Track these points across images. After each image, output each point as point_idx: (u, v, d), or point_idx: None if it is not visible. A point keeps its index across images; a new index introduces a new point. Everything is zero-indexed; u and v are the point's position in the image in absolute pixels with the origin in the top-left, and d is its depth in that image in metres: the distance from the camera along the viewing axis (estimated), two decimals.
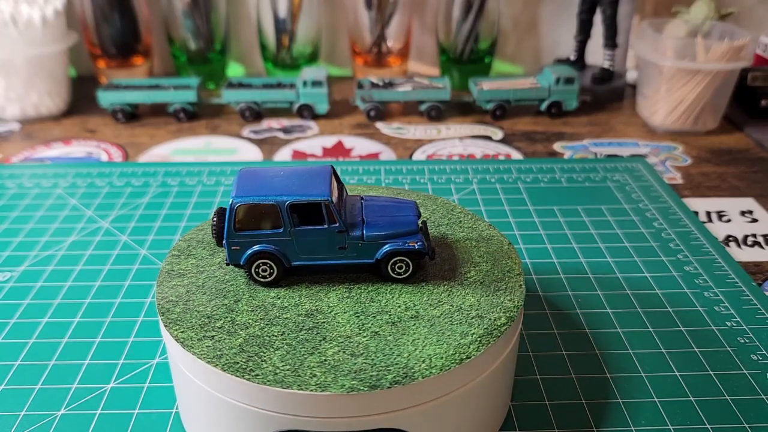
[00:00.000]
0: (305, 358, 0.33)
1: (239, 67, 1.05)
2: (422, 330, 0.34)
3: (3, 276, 0.54)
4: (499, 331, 0.34)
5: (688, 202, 0.66)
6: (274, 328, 0.35)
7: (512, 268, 0.39)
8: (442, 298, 0.37)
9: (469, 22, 0.91)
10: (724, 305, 0.50)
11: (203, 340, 0.34)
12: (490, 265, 0.40)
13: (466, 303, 0.36)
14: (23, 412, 0.41)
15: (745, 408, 0.41)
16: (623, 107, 0.91)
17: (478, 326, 0.35)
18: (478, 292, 0.37)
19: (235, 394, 0.33)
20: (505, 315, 0.35)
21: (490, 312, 0.36)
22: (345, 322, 0.35)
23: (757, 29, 0.96)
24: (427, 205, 0.46)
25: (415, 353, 0.33)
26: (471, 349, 0.33)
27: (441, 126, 0.85)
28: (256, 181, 0.37)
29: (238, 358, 0.33)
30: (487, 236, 0.43)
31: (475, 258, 0.40)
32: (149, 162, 0.74)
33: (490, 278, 0.38)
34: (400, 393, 0.32)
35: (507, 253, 0.41)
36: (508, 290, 0.38)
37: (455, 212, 0.45)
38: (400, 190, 0.48)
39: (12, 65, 0.82)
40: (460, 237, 0.43)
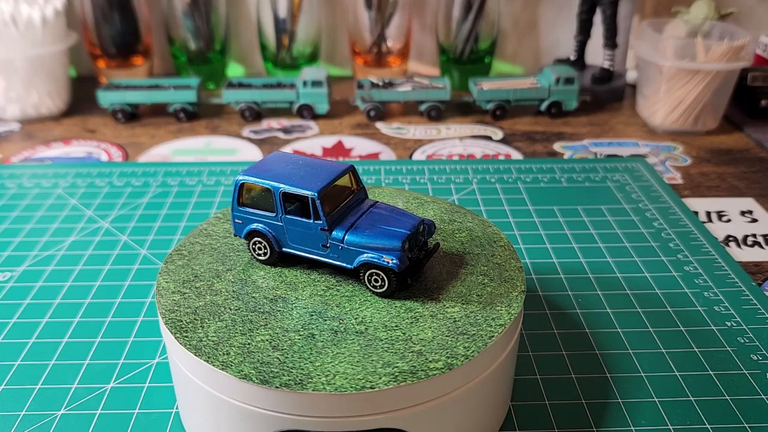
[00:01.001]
0: (234, 336, 0.34)
1: (239, 67, 1.05)
2: (352, 347, 0.33)
3: (3, 276, 0.54)
4: (425, 374, 0.32)
5: (688, 202, 0.66)
6: (235, 302, 0.37)
7: (511, 287, 0.38)
8: (403, 323, 0.35)
9: (469, 22, 0.91)
10: (724, 305, 0.50)
11: (175, 293, 0.37)
12: (490, 285, 0.38)
13: (428, 335, 0.34)
14: (23, 412, 0.41)
15: (745, 408, 0.41)
16: (623, 107, 0.91)
17: (406, 362, 0.32)
18: (455, 321, 0.35)
19: (235, 394, 0.33)
20: (449, 360, 0.33)
21: (437, 352, 0.33)
22: (297, 317, 0.36)
23: (757, 29, 0.96)
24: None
25: (323, 366, 0.32)
26: (379, 382, 0.31)
27: (441, 126, 0.85)
28: (273, 164, 0.39)
29: (186, 318, 0.36)
30: (488, 240, 0.42)
31: (473, 275, 0.39)
32: (149, 162, 0.74)
33: (485, 299, 0.36)
34: (400, 393, 0.32)
35: (508, 268, 0.40)
36: (496, 311, 0.36)
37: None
38: (443, 201, 0.47)
39: (12, 65, 0.82)
40: (463, 245, 0.42)
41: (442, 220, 0.45)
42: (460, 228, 0.44)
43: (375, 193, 0.47)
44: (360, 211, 0.39)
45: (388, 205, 0.40)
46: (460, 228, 0.44)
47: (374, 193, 0.47)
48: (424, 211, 0.45)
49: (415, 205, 0.46)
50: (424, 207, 0.46)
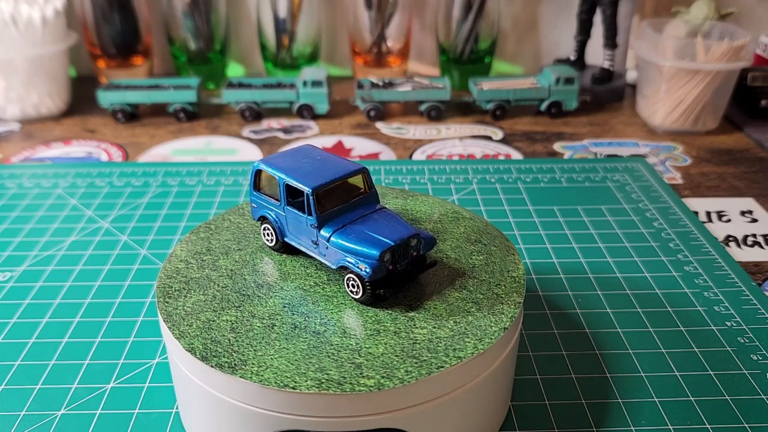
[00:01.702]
0: (205, 312, 0.36)
1: (239, 67, 1.05)
2: (301, 345, 0.33)
3: (3, 276, 0.54)
4: (351, 388, 0.31)
5: (688, 202, 0.66)
6: (226, 280, 0.38)
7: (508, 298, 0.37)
8: (363, 333, 0.34)
9: (469, 22, 0.91)
10: (724, 305, 0.50)
11: (182, 262, 0.40)
12: (474, 315, 0.36)
13: (379, 350, 0.33)
14: (23, 412, 0.41)
15: (745, 408, 0.41)
16: (623, 107, 0.91)
17: (340, 371, 0.32)
18: (415, 343, 0.34)
19: (236, 394, 0.33)
20: (383, 380, 0.31)
21: (376, 369, 0.32)
22: (270, 305, 0.36)
23: (757, 29, 0.96)
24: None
25: (263, 357, 0.33)
26: (302, 384, 0.31)
27: (441, 126, 0.85)
28: (292, 155, 0.40)
29: (176, 285, 0.38)
30: (502, 269, 0.41)
31: (464, 301, 0.37)
32: (149, 162, 0.74)
33: (460, 328, 0.35)
34: (400, 393, 0.32)
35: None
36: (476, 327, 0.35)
37: (486, 236, 0.44)
38: (480, 220, 0.45)
39: (12, 65, 0.82)
40: (474, 269, 0.41)
41: (468, 239, 0.42)
42: (480, 251, 0.41)
43: (418, 201, 0.46)
44: (360, 214, 0.38)
45: (392, 213, 0.39)
46: (480, 251, 0.41)
47: (417, 201, 0.46)
48: (456, 227, 0.43)
49: (450, 219, 0.44)
50: (458, 222, 0.44)
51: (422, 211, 0.45)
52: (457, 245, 0.41)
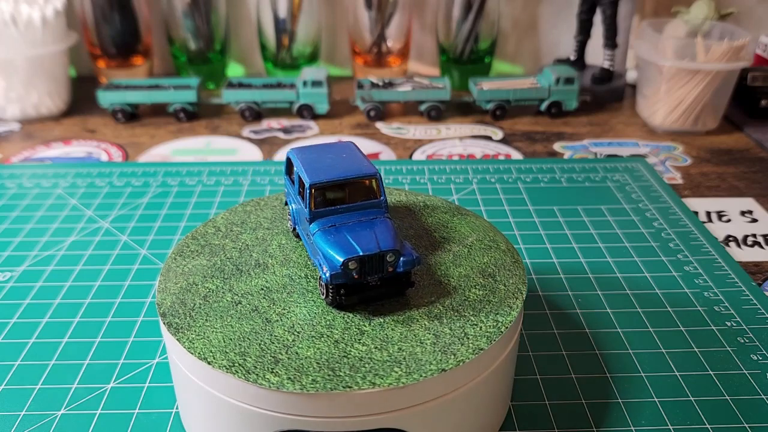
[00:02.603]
0: (196, 275, 0.39)
1: (239, 67, 1.05)
2: (244, 326, 0.35)
3: (3, 276, 0.54)
4: (242, 374, 0.32)
5: (688, 202, 0.66)
6: (234, 253, 0.41)
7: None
8: (303, 332, 0.34)
9: (469, 22, 0.91)
10: (724, 305, 0.50)
11: (211, 229, 0.43)
12: (427, 345, 0.34)
13: (305, 353, 0.33)
14: (23, 412, 0.41)
15: (745, 408, 0.41)
16: (623, 107, 0.91)
17: (252, 358, 0.33)
18: (334, 356, 0.33)
19: (235, 394, 0.33)
20: (268, 375, 0.32)
21: (275, 363, 0.32)
22: (252, 285, 0.38)
23: (757, 29, 0.96)
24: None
25: (204, 327, 0.35)
26: (215, 360, 0.33)
27: (441, 126, 0.85)
28: (322, 149, 0.41)
29: (192, 247, 0.41)
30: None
31: (426, 321, 0.36)
32: (149, 162, 0.74)
33: (401, 355, 0.33)
34: (400, 393, 0.32)
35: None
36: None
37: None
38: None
39: (12, 65, 0.82)
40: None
41: (483, 272, 0.39)
42: (485, 285, 0.38)
43: (463, 221, 0.44)
44: (357, 218, 0.37)
45: (388, 224, 0.37)
46: (485, 285, 0.38)
47: (462, 221, 0.44)
48: (481, 256, 0.40)
49: (481, 247, 0.41)
50: (487, 252, 0.41)
51: (459, 232, 0.43)
52: (467, 273, 0.39)
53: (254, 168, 0.72)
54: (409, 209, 0.46)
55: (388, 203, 0.43)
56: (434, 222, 0.44)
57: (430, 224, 0.44)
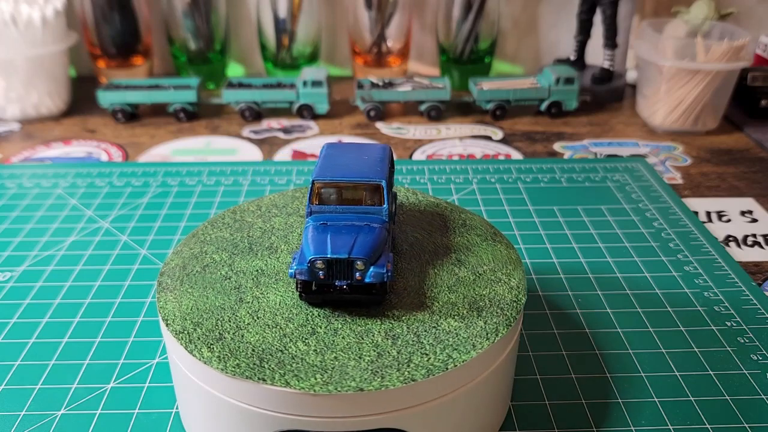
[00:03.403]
0: (208, 246, 0.41)
1: (239, 67, 1.05)
2: (216, 301, 0.36)
3: (3, 276, 0.54)
4: (188, 342, 0.33)
5: (688, 202, 0.66)
6: (258, 233, 0.42)
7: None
8: (262, 319, 0.35)
9: (469, 22, 0.91)
10: (724, 305, 0.50)
11: (256, 207, 0.45)
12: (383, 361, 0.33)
13: (250, 338, 0.34)
14: (23, 412, 0.41)
15: (745, 408, 0.41)
16: (623, 107, 0.91)
17: (205, 331, 0.34)
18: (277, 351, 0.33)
19: (236, 394, 0.33)
20: (208, 350, 0.33)
21: (223, 343, 0.33)
22: (251, 266, 0.39)
23: (757, 29, 0.96)
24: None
25: (183, 295, 0.37)
26: (180, 326, 0.35)
27: (441, 126, 0.85)
28: (354, 148, 0.41)
29: (226, 220, 0.44)
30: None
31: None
32: (149, 162, 0.74)
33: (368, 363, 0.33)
34: (400, 393, 0.32)
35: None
36: None
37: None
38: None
39: (12, 65, 0.82)
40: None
41: (472, 306, 0.37)
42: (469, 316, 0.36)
43: (488, 250, 0.41)
44: (351, 220, 0.37)
45: (376, 233, 0.36)
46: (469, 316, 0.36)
47: (488, 250, 0.41)
48: (482, 288, 0.38)
49: (486, 280, 0.39)
50: (490, 286, 0.38)
51: (478, 258, 0.40)
52: (455, 302, 0.36)
53: (254, 168, 0.72)
54: (446, 225, 0.44)
55: (434, 214, 0.44)
56: (461, 242, 0.42)
57: (455, 243, 0.42)
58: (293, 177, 0.70)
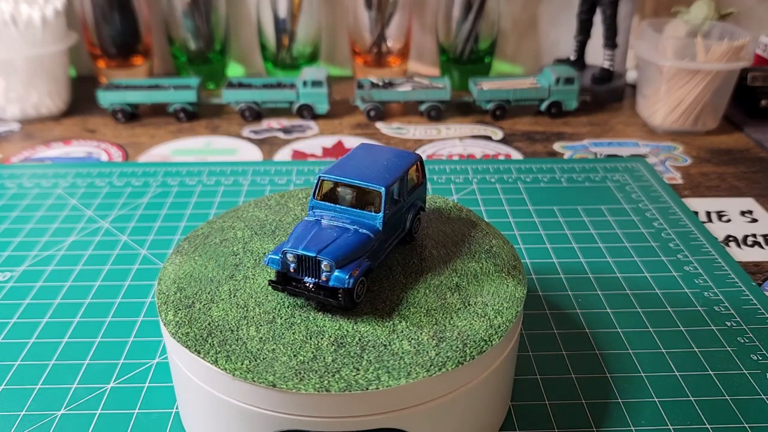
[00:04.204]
0: (223, 233, 0.42)
1: (239, 67, 1.05)
2: (207, 271, 0.39)
3: (3, 276, 0.54)
4: (167, 308, 0.36)
5: (688, 202, 0.66)
6: (280, 217, 0.44)
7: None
8: (240, 301, 0.36)
9: (469, 22, 0.91)
10: (724, 305, 0.50)
11: (275, 203, 0.46)
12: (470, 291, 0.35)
13: (216, 313, 0.35)
14: (23, 412, 0.41)
15: (745, 408, 0.41)
16: (623, 107, 0.91)
17: (183, 309, 0.36)
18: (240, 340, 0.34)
19: (236, 394, 0.33)
20: (175, 317, 0.35)
21: (198, 321, 0.35)
22: (257, 247, 0.41)
23: (757, 29, 0.96)
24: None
25: (180, 265, 0.39)
26: (166, 293, 0.37)
27: (441, 126, 0.85)
28: (383, 152, 0.41)
29: (243, 215, 0.45)
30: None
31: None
32: (149, 162, 0.74)
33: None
34: (400, 393, 0.32)
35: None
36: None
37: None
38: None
39: (12, 65, 0.82)
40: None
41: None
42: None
43: (491, 287, 0.38)
44: (344, 222, 0.37)
45: (359, 237, 0.36)
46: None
47: (488, 287, 0.38)
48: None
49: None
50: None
51: (475, 289, 0.38)
52: (419, 323, 0.35)
53: (254, 168, 0.72)
54: (469, 248, 0.41)
55: (465, 234, 0.42)
56: (473, 268, 0.39)
57: (465, 268, 0.39)
58: (293, 177, 0.70)
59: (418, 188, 0.41)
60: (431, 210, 0.46)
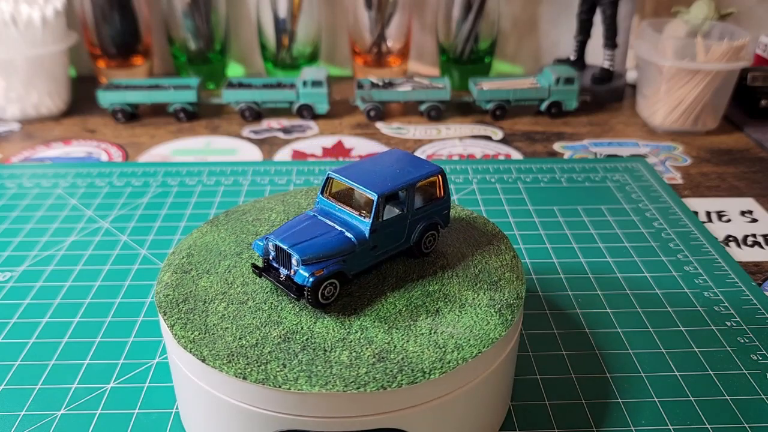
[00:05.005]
0: (237, 224, 0.43)
1: (239, 67, 1.05)
2: (216, 245, 0.40)
3: (3, 276, 0.54)
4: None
5: (688, 202, 0.66)
6: (300, 209, 0.45)
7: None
8: (234, 286, 0.38)
9: (469, 22, 0.91)
10: (724, 305, 0.50)
11: (293, 199, 0.47)
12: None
13: (204, 284, 0.38)
14: (23, 412, 0.41)
15: (745, 408, 0.41)
16: (623, 107, 0.91)
17: (180, 296, 0.37)
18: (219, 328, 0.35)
19: (235, 394, 0.33)
20: (166, 293, 0.37)
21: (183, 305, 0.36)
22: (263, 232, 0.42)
23: (757, 29, 0.96)
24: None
25: (196, 236, 0.42)
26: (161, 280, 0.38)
27: (441, 126, 0.85)
28: (398, 155, 0.41)
29: (253, 209, 0.46)
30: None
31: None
32: (149, 162, 0.74)
33: None
34: (400, 393, 0.32)
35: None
36: None
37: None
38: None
39: (12, 65, 0.82)
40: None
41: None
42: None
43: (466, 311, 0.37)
44: (339, 221, 0.38)
45: (340, 239, 0.36)
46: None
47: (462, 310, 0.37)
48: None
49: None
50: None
51: (451, 319, 0.36)
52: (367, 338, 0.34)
53: (254, 168, 0.72)
54: (477, 276, 0.39)
55: (483, 264, 0.39)
56: (465, 297, 0.37)
57: (457, 295, 0.37)
58: (293, 177, 0.70)
59: (435, 202, 0.39)
60: (459, 224, 0.43)
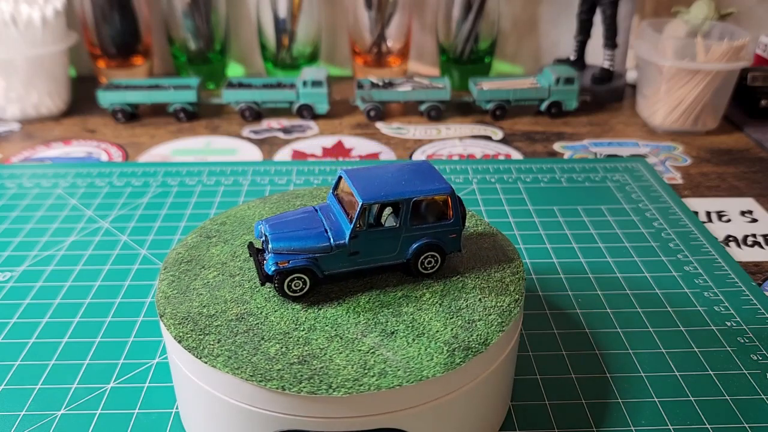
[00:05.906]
0: (239, 221, 0.44)
1: (239, 67, 1.05)
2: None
3: (3, 276, 0.54)
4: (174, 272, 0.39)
5: (688, 202, 0.66)
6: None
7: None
8: (227, 278, 0.39)
9: (469, 22, 0.91)
10: (724, 305, 0.50)
11: (301, 199, 0.47)
12: None
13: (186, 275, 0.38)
14: (23, 412, 0.41)
15: (745, 408, 0.41)
16: (623, 107, 0.91)
17: (178, 296, 0.37)
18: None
19: (235, 394, 0.33)
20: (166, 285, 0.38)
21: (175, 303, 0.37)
22: None
23: (757, 29, 0.96)
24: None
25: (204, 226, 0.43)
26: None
27: (441, 126, 0.85)
28: (423, 168, 0.40)
29: (260, 206, 0.46)
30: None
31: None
32: (149, 162, 0.74)
33: None
34: (400, 393, 0.32)
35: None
36: None
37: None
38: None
39: (12, 65, 0.82)
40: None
41: None
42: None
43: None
44: (331, 219, 0.38)
45: (323, 238, 0.37)
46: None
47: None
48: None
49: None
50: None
51: (433, 327, 0.35)
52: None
53: (254, 168, 0.72)
54: (466, 309, 0.36)
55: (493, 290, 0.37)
56: (429, 330, 0.35)
57: (419, 318, 0.36)
58: (293, 177, 0.70)
59: (441, 223, 0.37)
60: (480, 243, 0.42)
